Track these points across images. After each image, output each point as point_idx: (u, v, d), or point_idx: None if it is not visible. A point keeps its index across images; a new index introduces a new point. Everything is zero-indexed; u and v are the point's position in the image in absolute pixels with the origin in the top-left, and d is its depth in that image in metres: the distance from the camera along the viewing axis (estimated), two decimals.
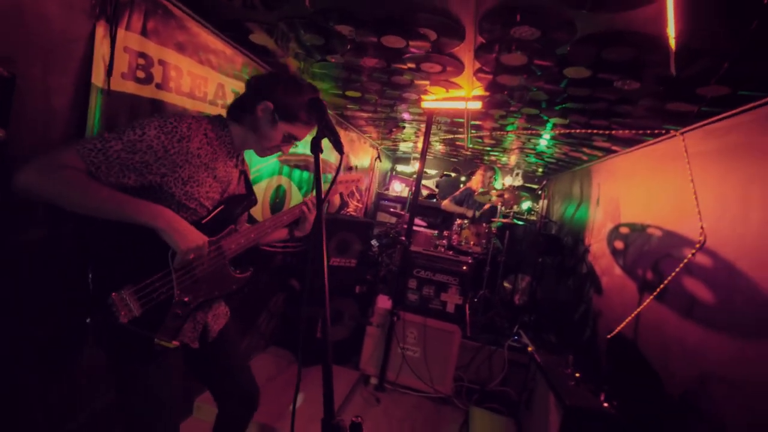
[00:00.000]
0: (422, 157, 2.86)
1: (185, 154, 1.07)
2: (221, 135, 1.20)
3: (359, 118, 3.40)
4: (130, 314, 1.01)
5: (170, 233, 1.02)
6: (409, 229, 2.83)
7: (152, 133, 1.02)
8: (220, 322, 1.36)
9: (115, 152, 0.97)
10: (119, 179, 0.99)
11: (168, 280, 1.08)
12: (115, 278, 1.02)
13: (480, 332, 3.28)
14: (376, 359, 2.98)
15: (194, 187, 1.11)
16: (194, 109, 1.75)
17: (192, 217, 1.13)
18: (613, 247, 2.75)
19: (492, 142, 3.71)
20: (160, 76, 1.56)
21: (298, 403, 2.50)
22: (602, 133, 2.43)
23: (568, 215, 4.10)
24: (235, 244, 1.24)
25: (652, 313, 2.11)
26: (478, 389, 2.99)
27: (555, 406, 2.05)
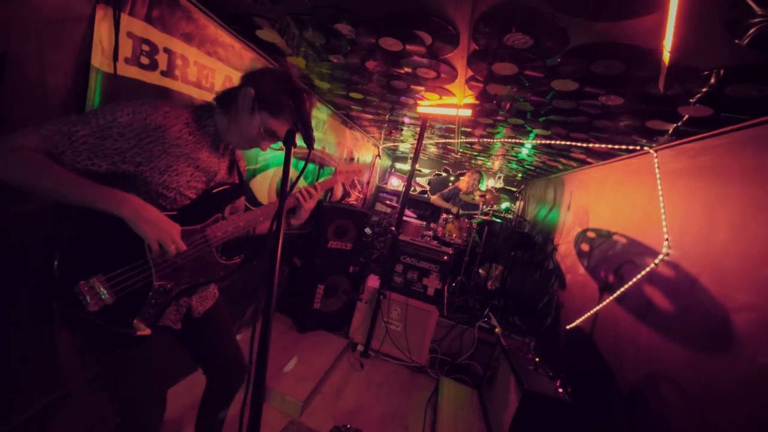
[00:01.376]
0: (415, 157, 2.63)
1: (161, 143, 0.86)
2: (205, 124, 0.99)
3: (363, 119, 3.15)
4: (101, 302, 0.83)
5: (136, 221, 0.82)
6: (399, 220, 2.63)
7: (124, 119, 0.81)
8: (207, 304, 1.18)
9: (82, 137, 0.77)
10: (87, 166, 0.79)
11: (145, 268, 0.89)
12: (85, 266, 0.83)
13: (455, 312, 3.12)
14: (363, 330, 2.83)
15: (173, 176, 0.91)
16: (201, 99, 1.53)
17: (170, 205, 0.93)
18: (579, 249, 2.54)
19: (480, 148, 3.46)
20: (165, 64, 1.33)
21: (291, 365, 2.36)
22: (580, 145, 2.18)
23: (540, 216, 3.87)
24: (221, 232, 1.04)
25: (609, 312, 1.92)
26: (449, 361, 2.84)
27: (515, 388, 1.88)
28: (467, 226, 3.47)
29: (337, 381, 2.39)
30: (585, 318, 2.13)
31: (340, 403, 2.16)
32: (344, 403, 2.18)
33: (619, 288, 1.85)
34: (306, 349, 2.55)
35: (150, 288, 0.91)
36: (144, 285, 0.90)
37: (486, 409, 2.23)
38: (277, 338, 2.61)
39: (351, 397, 2.25)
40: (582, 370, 2.01)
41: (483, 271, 4.16)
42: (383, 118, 2.99)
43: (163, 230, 0.85)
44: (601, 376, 1.84)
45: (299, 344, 2.59)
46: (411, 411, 2.25)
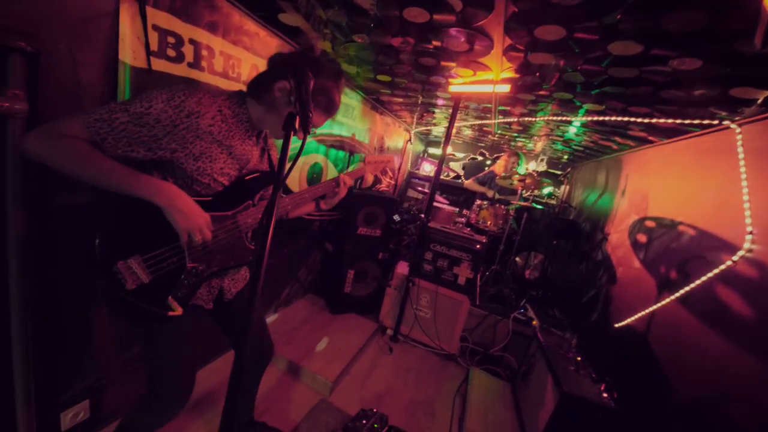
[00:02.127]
0: (446, 140, 2.44)
1: (195, 130, 0.85)
2: (238, 112, 0.96)
3: (393, 102, 2.99)
4: (137, 281, 0.86)
5: (171, 211, 0.84)
6: (429, 207, 2.49)
7: (159, 106, 0.81)
8: (238, 286, 1.19)
9: (122, 124, 0.78)
10: (126, 152, 0.80)
11: (179, 251, 0.91)
12: (123, 247, 0.86)
13: (488, 301, 2.94)
14: (392, 315, 2.79)
15: (207, 163, 0.90)
16: (228, 88, 1.49)
17: (206, 191, 0.93)
18: (635, 240, 2.22)
19: (519, 129, 3.14)
20: (191, 56, 1.31)
21: (322, 345, 2.40)
22: (641, 121, 1.85)
23: (589, 202, 3.47)
24: (251, 219, 1.04)
25: (670, 314, 1.65)
26: (481, 351, 2.71)
27: (552, 388, 1.72)
28: (503, 212, 3.21)
29: (366, 363, 2.39)
30: (639, 317, 1.87)
31: (368, 386, 2.16)
32: (372, 385, 2.17)
33: (683, 286, 1.57)
34: (337, 330, 2.57)
35: (183, 269, 0.93)
36: (178, 267, 0.92)
37: (519, 405, 2.09)
38: (310, 318, 2.66)
39: (379, 381, 2.23)
40: (631, 374, 1.78)
41: (521, 260, 3.89)
42: (414, 101, 2.81)
43: (192, 221, 0.87)
44: (656, 384, 1.61)
45: (331, 325, 2.62)
46: (439, 398, 2.18)
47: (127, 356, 1.42)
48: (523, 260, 3.85)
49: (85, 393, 1.31)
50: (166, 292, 0.91)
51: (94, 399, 1.34)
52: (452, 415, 2.06)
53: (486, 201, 3.35)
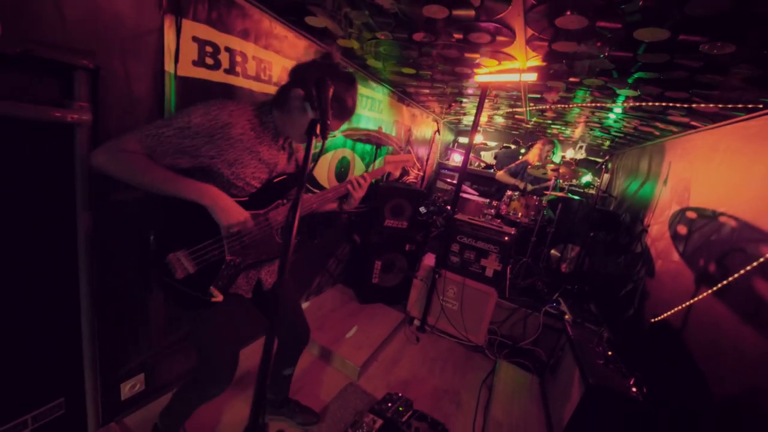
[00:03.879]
0: (473, 130, 2.49)
1: (228, 139, 1.03)
2: (265, 121, 1.13)
3: (420, 93, 3.07)
4: (185, 271, 1.05)
5: (214, 209, 1.01)
6: (455, 198, 2.57)
7: (197, 120, 0.98)
8: (274, 277, 1.38)
9: (167, 138, 0.96)
10: (174, 161, 0.99)
11: (219, 245, 1.09)
12: (173, 242, 1.05)
13: (519, 294, 2.98)
14: (419, 306, 2.93)
15: (240, 168, 1.08)
16: (260, 91, 1.69)
17: (240, 193, 1.11)
18: (675, 231, 2.16)
19: (554, 116, 3.09)
20: (227, 62, 1.50)
21: (351, 333, 2.59)
22: (679, 106, 1.80)
23: (630, 192, 3.35)
24: (281, 216, 1.21)
25: (707, 308, 1.63)
26: (510, 345, 2.77)
27: (578, 381, 1.77)
28: (535, 203, 3.20)
29: (393, 352, 2.55)
30: (675, 311, 1.85)
31: (394, 373, 2.32)
32: (398, 372, 2.33)
33: (721, 281, 1.54)
34: (365, 319, 2.76)
35: (223, 261, 1.11)
36: (218, 259, 1.10)
37: (547, 399, 2.15)
38: (340, 306, 2.86)
39: (405, 368, 2.39)
40: (665, 370, 1.78)
41: (557, 252, 3.83)
42: (441, 91, 2.87)
43: (233, 216, 1.04)
44: (690, 380, 1.61)
45: (359, 314, 2.81)
46: (464, 388, 2.29)
47: (174, 337, 1.69)
48: (558, 253, 3.79)
49: (140, 367, 1.59)
50: (209, 281, 1.09)
51: (148, 373, 1.62)
52: (477, 404, 2.17)
53: (517, 192, 3.33)
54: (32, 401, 1.25)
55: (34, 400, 1.26)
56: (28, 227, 1.11)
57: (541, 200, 3.19)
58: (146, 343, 1.58)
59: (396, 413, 1.78)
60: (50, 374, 1.28)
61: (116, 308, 1.41)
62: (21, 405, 1.23)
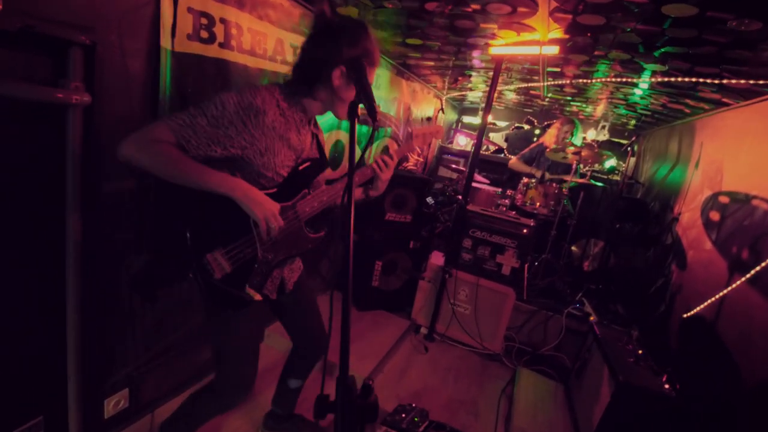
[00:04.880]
0: (487, 108, 2.69)
1: (261, 127, 1.16)
2: (292, 104, 1.26)
3: (422, 66, 3.24)
4: (222, 271, 1.20)
5: (247, 203, 1.14)
6: (467, 187, 2.76)
7: (231, 108, 1.11)
8: (295, 275, 1.52)
9: (202, 127, 1.09)
10: (207, 152, 1.11)
11: (252, 242, 1.24)
12: (209, 240, 1.19)
13: (538, 296, 3.21)
14: (426, 311, 3.11)
15: (271, 158, 1.21)
16: (255, 66, 1.82)
17: (269, 184, 1.24)
18: (707, 218, 2.42)
19: (573, 91, 3.33)
20: (222, 35, 1.63)
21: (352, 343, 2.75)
22: (710, 82, 2.04)
23: (659, 177, 3.64)
24: (309, 207, 1.34)
25: (740, 298, 1.88)
26: (530, 352, 3.00)
27: (608, 380, 2.00)
28: (555, 191, 3.43)
29: (400, 362, 2.73)
30: (707, 304, 2.10)
31: (403, 384, 2.51)
32: (408, 384, 2.52)
33: (754, 267, 1.79)
34: (366, 328, 2.93)
35: (255, 259, 1.26)
36: (252, 257, 1.25)
37: (573, 404, 2.38)
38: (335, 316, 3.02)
39: (415, 379, 2.57)
40: (698, 365, 2.03)
41: (578, 249, 4.10)
42: (447, 64, 3.05)
43: (267, 209, 1.17)
44: (723, 374, 1.86)
45: (359, 323, 2.98)
46: (482, 399, 2.50)
47: (161, 346, 1.82)
48: (580, 249, 4.06)
49: (125, 381, 1.70)
50: (245, 281, 1.24)
51: (133, 388, 1.74)
52: (497, 415, 2.38)
53: (534, 179, 3.55)
54: (8, 420, 1.35)
55: (10, 419, 1.35)
56: (9, 225, 1.21)
57: (561, 188, 3.42)
58: (132, 353, 1.70)
59: (411, 424, 1.96)
60: (29, 390, 1.38)
61: (101, 313, 1.53)
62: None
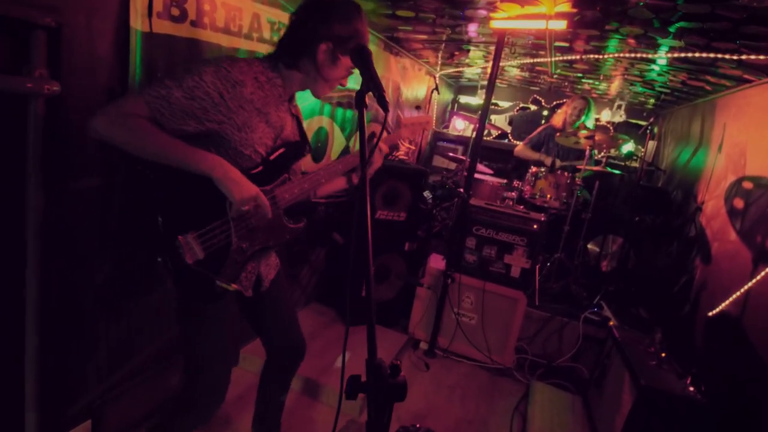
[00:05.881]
0: (489, 87, 2.89)
1: (239, 99, 1.29)
2: (271, 77, 1.40)
3: (413, 40, 3.42)
4: (194, 256, 1.31)
5: (226, 183, 1.26)
6: (470, 178, 2.95)
7: (208, 78, 1.24)
8: (272, 273, 1.66)
9: (176, 99, 1.21)
10: (180, 126, 1.24)
11: (226, 227, 1.36)
12: (181, 223, 1.30)
13: (551, 301, 3.43)
14: (426, 323, 3.29)
15: (248, 133, 1.34)
16: (230, 46, 1.96)
17: (247, 163, 1.37)
18: (731, 206, 2.68)
19: (585, 67, 3.58)
20: (194, 12, 1.76)
21: (341, 361, 2.90)
22: (729, 58, 2.29)
23: (681, 162, 3.93)
24: (289, 194, 1.47)
25: (765, 290, 2.13)
26: (544, 364, 3.21)
27: (629, 386, 2.22)
28: (567, 182, 3.67)
29: None
30: (732, 300, 2.35)
31: (404, 405, 2.67)
32: (409, 404, 2.69)
33: None
34: (356, 344, 3.07)
35: (230, 246, 1.38)
36: (226, 244, 1.37)
37: (592, 415, 2.61)
38: (320, 333, 3.16)
39: (417, 399, 2.75)
40: (723, 365, 2.28)
41: (595, 247, 4.35)
42: (442, 38, 3.24)
43: (246, 190, 1.30)
44: (748, 371, 2.10)
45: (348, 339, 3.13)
46: (493, 418, 2.70)
47: (127, 370, 1.93)
48: (597, 247, 4.32)
49: (87, 411, 1.80)
50: (218, 269, 1.34)
51: (95, 419, 1.84)
52: None
53: (544, 168, 3.78)
54: None
55: None
56: None
57: (573, 177, 3.66)
58: (95, 377, 1.81)
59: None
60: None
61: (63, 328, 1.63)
62: None
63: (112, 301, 1.80)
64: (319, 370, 2.70)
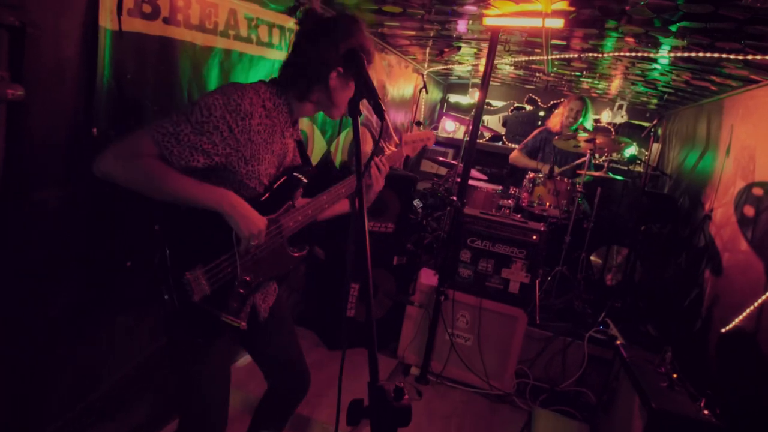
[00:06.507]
0: (483, 86, 2.98)
1: (248, 132, 1.36)
2: (278, 104, 1.47)
3: (400, 36, 3.52)
4: (201, 292, 1.36)
5: (235, 217, 1.32)
6: (463, 185, 3.03)
7: (217, 113, 1.30)
8: (269, 300, 1.69)
9: (186, 135, 1.27)
10: (189, 162, 1.29)
11: (233, 260, 1.41)
12: (188, 258, 1.36)
13: (553, 319, 3.52)
14: (417, 346, 3.34)
15: (255, 165, 1.41)
16: (205, 44, 2.01)
17: (251, 194, 1.43)
18: (741, 214, 2.82)
19: (583, 66, 3.72)
20: (167, 9, 1.80)
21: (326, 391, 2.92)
22: (733, 58, 2.44)
23: (687, 167, 4.09)
24: (293, 222, 1.53)
25: None
26: (546, 389, 3.29)
27: (639, 410, 2.30)
28: (567, 188, 3.78)
29: None
30: (746, 315, 2.47)
31: None
32: None
33: None
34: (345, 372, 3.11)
35: (235, 279, 1.43)
36: (231, 277, 1.42)
37: None
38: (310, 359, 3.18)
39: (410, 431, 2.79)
40: (738, 384, 2.39)
41: (598, 259, 4.47)
42: (430, 34, 3.34)
43: (254, 225, 1.36)
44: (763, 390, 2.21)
45: (331, 364, 3.17)
46: None
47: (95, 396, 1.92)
48: (600, 259, 4.45)
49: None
50: (225, 304, 1.40)
51: None
52: None
53: (542, 173, 3.89)
54: None
55: None
56: None
57: (574, 184, 3.78)
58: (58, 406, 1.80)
59: None
60: None
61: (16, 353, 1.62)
62: None
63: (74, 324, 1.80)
64: (304, 403, 2.71)
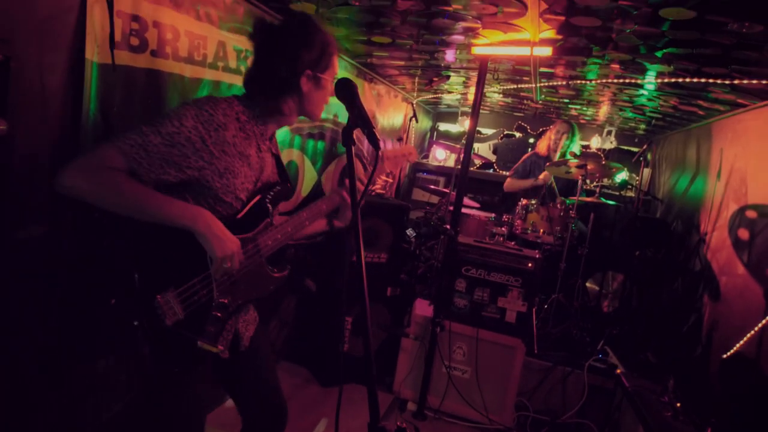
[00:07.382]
0: (474, 114, 3.00)
1: (221, 143, 1.33)
2: (251, 116, 1.45)
3: (389, 66, 3.56)
4: (174, 317, 1.30)
5: (209, 238, 1.28)
6: (456, 213, 3.02)
7: (189, 123, 1.27)
8: (250, 329, 1.64)
9: (155, 146, 1.23)
10: (159, 175, 1.25)
11: (207, 282, 1.37)
12: (158, 280, 1.30)
13: (551, 348, 3.48)
14: (413, 380, 3.26)
15: (230, 179, 1.37)
16: (193, 76, 2.01)
17: (228, 211, 1.39)
18: (736, 237, 2.82)
19: (571, 93, 3.77)
20: (155, 42, 1.80)
21: (321, 428, 2.83)
22: (720, 83, 2.48)
23: (678, 191, 4.13)
24: (272, 240, 1.50)
25: None
26: (547, 421, 3.21)
27: None
28: (560, 214, 3.79)
29: None
30: (746, 340, 2.44)
31: None
32: None
33: None
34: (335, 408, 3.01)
35: (211, 302, 1.38)
36: (207, 300, 1.37)
37: None
38: (293, 395, 3.09)
39: None
40: (743, 412, 2.34)
41: (594, 285, 4.45)
42: (419, 64, 3.38)
43: (228, 246, 1.32)
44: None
45: (325, 402, 3.07)
46: None
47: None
48: (596, 285, 4.42)
49: None
50: (200, 329, 1.33)
51: None
52: None
53: (534, 200, 3.90)
54: None
55: None
56: None
57: (567, 209, 3.79)
58: None
59: None
60: None
61: None
62: None
63: (55, 367, 1.73)
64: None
